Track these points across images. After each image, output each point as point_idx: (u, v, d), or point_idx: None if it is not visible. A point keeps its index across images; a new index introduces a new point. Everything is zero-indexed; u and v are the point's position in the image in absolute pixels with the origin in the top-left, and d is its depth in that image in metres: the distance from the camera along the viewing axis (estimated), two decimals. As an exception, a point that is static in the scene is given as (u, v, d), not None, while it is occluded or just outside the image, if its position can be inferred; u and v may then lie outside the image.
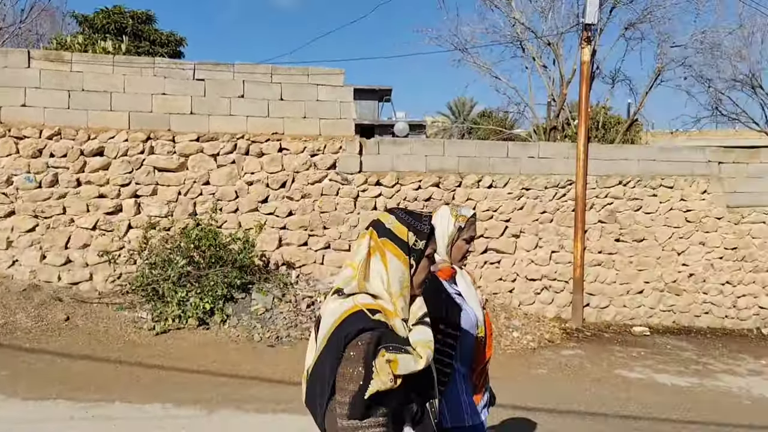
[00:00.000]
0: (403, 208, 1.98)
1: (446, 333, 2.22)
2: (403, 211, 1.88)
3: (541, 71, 11.58)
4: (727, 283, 9.23)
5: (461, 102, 30.07)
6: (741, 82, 12.34)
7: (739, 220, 9.22)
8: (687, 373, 7.22)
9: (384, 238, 1.79)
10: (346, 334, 1.66)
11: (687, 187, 9.20)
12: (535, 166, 9.05)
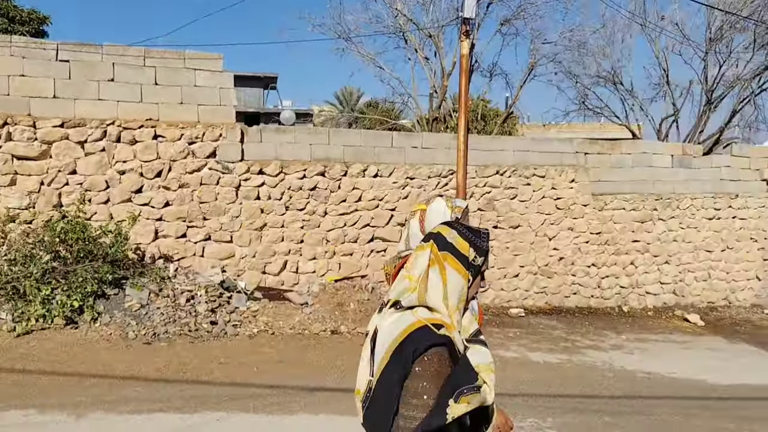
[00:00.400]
0: (462, 223, 1.95)
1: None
2: (464, 226, 1.85)
3: (423, 63, 11.86)
4: (593, 265, 9.94)
5: (348, 91, 30.12)
6: (604, 79, 13.32)
7: (602, 206, 9.94)
8: (557, 350, 7.70)
9: (445, 252, 1.78)
10: (414, 349, 1.63)
11: (557, 176, 9.78)
12: (419, 156, 9.24)
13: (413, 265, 1.81)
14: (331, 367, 6.54)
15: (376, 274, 8.95)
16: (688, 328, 9.35)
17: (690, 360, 7.64)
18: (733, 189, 10.62)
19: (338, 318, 7.95)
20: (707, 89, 12.31)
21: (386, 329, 1.74)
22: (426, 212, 2.57)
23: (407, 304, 1.76)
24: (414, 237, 2.55)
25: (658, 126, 13.15)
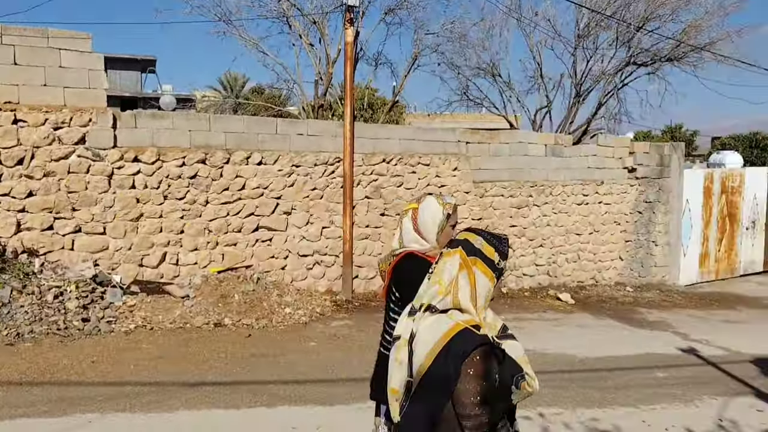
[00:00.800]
0: (483, 229, 2.09)
1: None
2: (487, 233, 1.99)
3: (308, 49, 11.72)
4: (475, 250, 10.35)
5: (233, 77, 29.24)
6: (484, 71, 13.87)
7: (483, 193, 10.36)
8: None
9: (474, 257, 1.90)
10: (462, 351, 1.75)
11: (441, 164, 10.06)
12: (305, 144, 9.14)
13: (441, 269, 1.92)
14: (214, 361, 6.36)
15: (261, 264, 8.79)
16: (560, 306, 9.98)
17: (561, 336, 8.16)
18: (599, 176, 11.44)
19: (222, 310, 7.73)
20: (576, 83, 13.19)
21: (425, 332, 1.86)
22: (418, 211, 2.61)
23: (442, 307, 1.88)
24: (408, 235, 2.61)
25: (533, 117, 13.93)
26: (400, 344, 1.91)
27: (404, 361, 1.88)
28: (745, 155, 19.33)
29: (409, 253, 2.58)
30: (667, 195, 12.07)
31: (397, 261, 2.59)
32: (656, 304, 10.56)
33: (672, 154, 12.15)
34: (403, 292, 2.51)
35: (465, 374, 1.75)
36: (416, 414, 1.82)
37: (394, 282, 2.58)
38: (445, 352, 1.78)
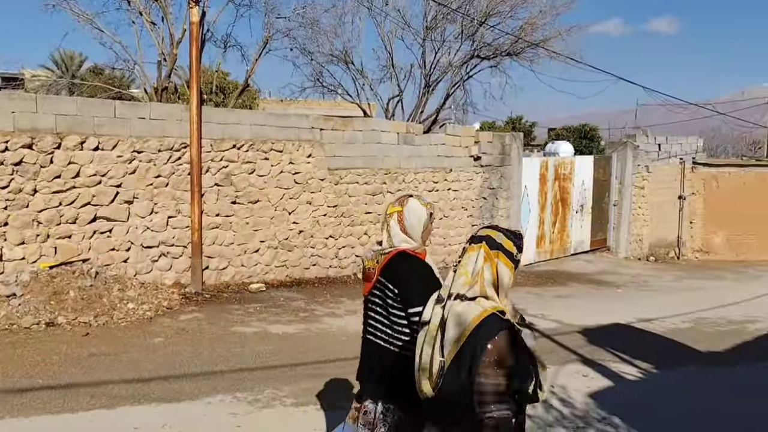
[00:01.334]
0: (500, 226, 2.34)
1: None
2: (505, 229, 2.28)
3: (150, 28, 10.99)
4: (331, 237, 10.38)
5: (68, 55, 26.77)
6: (337, 58, 13.92)
7: (338, 180, 10.40)
8: (296, 320, 7.89)
9: (497, 251, 2.16)
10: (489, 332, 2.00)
11: (295, 151, 9.94)
12: (148, 128, 8.59)
13: (467, 262, 2.18)
14: (46, 363, 5.81)
15: (100, 257, 8.16)
16: (412, 289, 10.32)
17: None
18: (447, 164, 11.94)
19: (55, 308, 7.08)
20: (426, 73, 13.67)
21: (457, 317, 2.08)
22: (403, 213, 2.77)
23: (471, 295, 2.12)
24: (396, 236, 2.77)
25: (386, 105, 14.22)
26: (431, 328, 2.14)
27: (435, 343, 2.11)
28: (575, 145, 21.18)
29: (401, 252, 2.75)
30: (508, 182, 12.90)
31: (390, 258, 2.75)
32: (500, 283, 11.27)
33: (512, 144, 12.99)
34: (399, 285, 2.69)
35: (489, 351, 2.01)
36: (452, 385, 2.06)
37: (388, 277, 2.73)
38: (476, 333, 2.03)
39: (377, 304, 2.81)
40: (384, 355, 2.77)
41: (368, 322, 2.88)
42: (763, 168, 18.95)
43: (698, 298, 11.32)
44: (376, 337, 2.82)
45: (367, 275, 2.85)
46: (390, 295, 2.73)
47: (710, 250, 17.49)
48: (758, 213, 18.24)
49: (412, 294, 2.64)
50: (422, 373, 2.14)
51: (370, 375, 2.86)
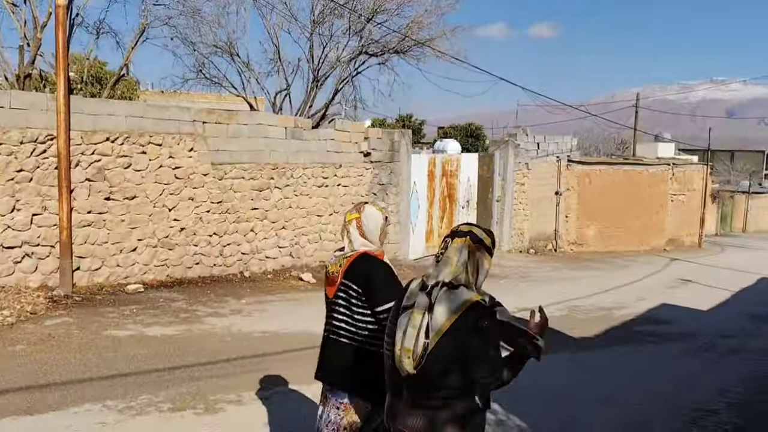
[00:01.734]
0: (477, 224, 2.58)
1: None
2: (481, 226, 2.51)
3: (10, 9, 10.04)
4: (215, 234, 10.01)
5: None
6: (221, 49, 13.42)
7: (222, 176, 10.04)
8: (177, 322, 7.53)
9: (478, 245, 2.39)
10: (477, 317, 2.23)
11: (175, 144, 9.48)
12: (7, 118, 7.85)
13: (452, 254, 2.37)
14: None
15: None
16: (302, 286, 10.19)
17: (303, 315, 8.31)
18: (337, 160, 11.89)
19: None
20: (314, 68, 13.51)
21: (443, 303, 2.27)
22: (361, 219, 3.00)
23: (456, 284, 2.32)
24: (356, 241, 2.98)
25: (273, 99, 13.91)
26: (416, 313, 2.28)
27: (421, 326, 2.26)
28: (462, 143, 21.87)
29: (363, 254, 2.96)
30: (397, 178, 13.06)
31: (352, 261, 2.94)
32: (389, 278, 11.39)
33: (401, 140, 13.17)
34: (362, 285, 2.89)
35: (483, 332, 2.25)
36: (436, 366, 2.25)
37: (351, 278, 2.91)
38: (464, 318, 2.24)
39: (341, 305, 2.98)
40: (349, 352, 2.94)
41: (332, 323, 3.04)
42: (630, 166, 20.53)
43: (573, 288, 12.04)
44: (341, 336, 2.99)
45: (330, 279, 3.04)
46: (354, 295, 2.92)
47: (584, 243, 18.71)
48: (625, 208, 19.73)
49: (376, 291, 2.86)
50: (404, 353, 2.27)
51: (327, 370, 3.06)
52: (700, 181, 23.20)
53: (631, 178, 19.99)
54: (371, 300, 2.87)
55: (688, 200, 22.52)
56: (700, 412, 5.62)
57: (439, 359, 2.25)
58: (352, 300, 2.93)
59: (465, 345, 2.25)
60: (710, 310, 10.60)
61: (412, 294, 2.38)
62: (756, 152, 70.49)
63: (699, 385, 6.47)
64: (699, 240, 23.08)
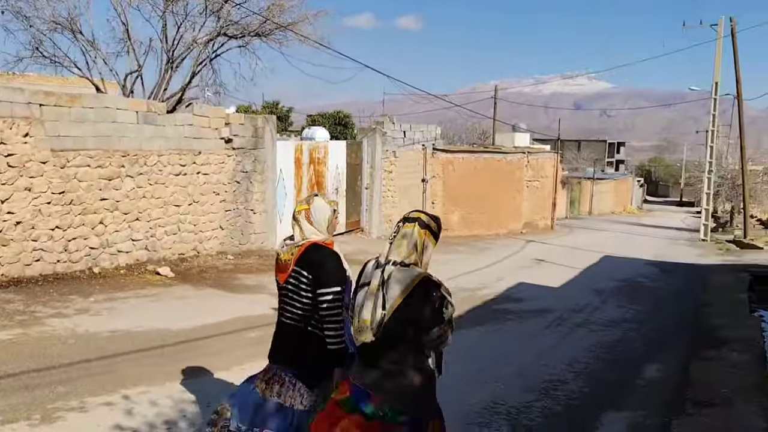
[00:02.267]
0: (425, 211, 3.02)
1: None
2: (427, 213, 2.88)
3: None
4: (57, 227, 9.09)
5: None
6: (62, 26, 12.16)
7: (64, 163, 9.13)
8: (12, 325, 6.74)
9: (425, 230, 2.79)
10: (427, 289, 2.64)
11: (7, 129, 8.46)
12: None
13: (404, 238, 2.73)
14: None
15: None
16: (159, 281, 9.56)
17: (158, 311, 7.81)
18: (196, 146, 11.28)
19: None
20: (168, 49, 12.66)
21: (396, 279, 2.63)
22: (310, 210, 3.19)
23: (408, 262, 2.67)
24: (306, 230, 3.18)
25: (123, 81, 12.88)
26: (372, 288, 2.64)
27: (377, 300, 2.61)
28: (331, 131, 21.73)
29: (313, 243, 3.16)
30: (262, 165, 12.67)
31: (304, 249, 3.13)
32: (255, 269, 11.03)
33: (266, 126, 12.78)
34: (313, 271, 3.09)
35: (432, 301, 2.63)
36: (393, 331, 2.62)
37: (303, 265, 3.11)
38: (418, 290, 2.62)
39: (291, 290, 3.18)
40: (297, 333, 3.19)
41: (284, 306, 3.26)
42: (489, 154, 21.54)
43: (440, 270, 12.30)
44: (290, 319, 3.21)
45: (282, 266, 3.20)
46: (303, 281, 3.13)
47: (449, 227, 19.36)
48: (486, 194, 20.69)
49: (324, 277, 3.08)
50: (362, 323, 2.65)
51: (277, 352, 3.29)
52: (551, 168, 24.87)
53: (491, 166, 20.99)
54: (318, 285, 3.08)
55: (541, 186, 24.09)
56: (552, 383, 5.94)
57: (393, 327, 2.63)
58: (301, 286, 3.14)
59: (418, 313, 2.63)
60: (561, 287, 11.37)
61: (367, 273, 2.78)
62: (599, 142, 77.40)
63: (552, 358, 6.85)
64: (551, 223, 24.79)
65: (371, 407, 2.62)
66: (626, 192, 52.40)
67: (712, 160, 25.37)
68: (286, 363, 3.19)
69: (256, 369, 5.56)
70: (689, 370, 6.51)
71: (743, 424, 4.97)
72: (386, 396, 2.63)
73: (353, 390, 2.70)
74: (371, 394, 2.64)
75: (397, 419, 2.60)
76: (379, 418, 2.60)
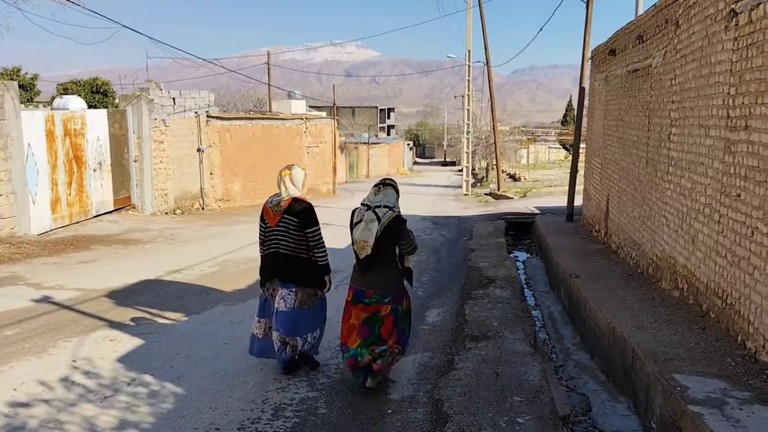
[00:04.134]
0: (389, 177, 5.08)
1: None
2: (389, 178, 4.85)
3: None
4: None
5: None
6: None
7: None
8: None
9: (392, 188, 4.63)
10: (402, 222, 4.50)
11: None
12: None
13: (385, 193, 4.57)
14: None
15: None
16: None
17: None
18: None
19: None
20: None
21: (386, 214, 4.45)
22: (292, 175, 4.77)
23: (388, 206, 4.50)
24: (290, 189, 4.76)
25: None
26: (370, 219, 4.42)
27: (371, 228, 4.38)
28: (89, 100, 19.57)
29: (296, 198, 4.75)
30: (4, 139, 10.94)
31: (290, 202, 4.72)
32: (6, 258, 9.58)
33: (5, 95, 11.03)
34: (299, 216, 4.70)
35: (404, 230, 4.53)
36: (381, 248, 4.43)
37: (289, 213, 4.70)
38: (395, 223, 4.46)
39: (282, 232, 4.72)
40: (291, 260, 4.73)
41: (276, 243, 4.76)
42: (267, 121, 21.19)
43: (223, 243, 11.94)
44: (282, 250, 4.74)
45: (272, 215, 4.74)
46: (292, 225, 4.70)
47: (231, 198, 18.79)
48: (267, 161, 20.43)
49: (308, 220, 4.70)
50: (364, 243, 4.38)
51: (280, 272, 4.78)
52: (330, 134, 25.36)
53: (269, 133, 20.70)
54: (305, 226, 4.70)
55: (321, 152, 24.47)
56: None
57: (382, 244, 4.42)
58: (290, 228, 4.71)
59: (396, 234, 4.50)
60: (342, 249, 11.65)
61: (360, 214, 4.52)
62: (371, 108, 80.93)
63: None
64: (333, 187, 25.41)
65: (368, 298, 4.54)
66: (399, 155, 55.81)
67: (469, 122, 28.03)
68: (288, 279, 4.77)
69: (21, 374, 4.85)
70: (464, 309, 7.14)
71: (513, 350, 5.59)
72: (376, 289, 4.53)
73: (355, 291, 4.60)
74: (365, 290, 4.53)
75: (383, 301, 4.54)
76: (374, 303, 4.53)
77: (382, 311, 4.51)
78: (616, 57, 10.40)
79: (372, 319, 4.51)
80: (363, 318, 4.52)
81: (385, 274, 4.50)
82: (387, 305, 4.51)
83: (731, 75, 5.25)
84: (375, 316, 4.51)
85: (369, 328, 4.50)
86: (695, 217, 6.11)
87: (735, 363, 4.54)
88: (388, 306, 4.51)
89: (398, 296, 4.58)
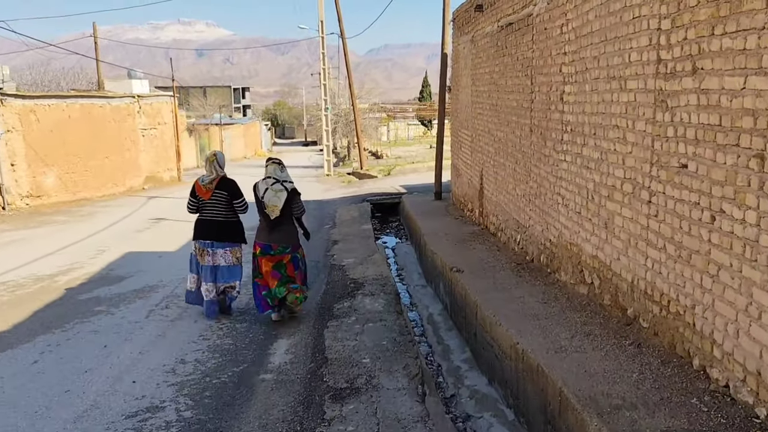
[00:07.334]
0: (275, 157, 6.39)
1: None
2: (275, 157, 6.25)
3: None
4: None
5: None
6: None
7: None
8: None
9: (281, 165, 5.89)
10: (297, 193, 5.84)
11: None
12: None
13: (278, 170, 5.81)
14: None
15: None
16: None
17: None
18: None
19: None
20: None
21: (286, 188, 5.70)
22: (216, 156, 5.93)
23: (289, 180, 5.84)
24: (216, 169, 5.91)
25: None
26: (279, 189, 5.66)
27: (279, 195, 5.63)
28: None
29: (223, 176, 5.94)
30: None
31: (219, 180, 5.87)
32: None
33: None
34: (227, 190, 5.88)
35: (298, 199, 5.87)
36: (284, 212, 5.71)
37: (220, 188, 5.87)
38: (293, 195, 5.75)
39: (214, 202, 5.89)
40: (221, 223, 5.92)
41: (210, 211, 5.93)
42: (87, 99, 17.94)
43: (15, 254, 9.25)
44: (217, 216, 5.91)
45: (204, 190, 5.88)
46: (223, 197, 5.89)
47: (43, 194, 15.52)
48: (91, 147, 17.29)
49: (236, 193, 5.93)
50: (275, 207, 5.62)
51: (212, 233, 5.90)
52: (170, 114, 22.38)
53: (92, 114, 17.53)
54: (234, 197, 5.91)
55: (160, 134, 21.49)
56: (145, 414, 4.09)
57: (285, 208, 5.67)
58: (221, 200, 5.89)
59: (292, 200, 5.76)
60: (180, 249, 9.45)
61: (263, 187, 5.70)
62: (224, 87, 76.28)
63: (149, 361, 4.99)
64: (179, 174, 22.55)
65: (273, 250, 5.75)
66: (255, 136, 52.69)
67: (327, 98, 26.19)
68: (224, 239, 5.94)
69: None
70: (324, 338, 5.40)
71: (395, 414, 3.87)
72: (280, 243, 5.75)
73: (262, 246, 5.77)
74: (271, 244, 5.74)
75: (285, 251, 5.78)
76: (278, 253, 5.76)
77: (284, 259, 5.81)
78: (483, 13, 9.04)
79: (278, 266, 5.78)
80: (272, 266, 5.77)
81: (286, 231, 5.80)
82: (288, 254, 5.81)
83: (663, 4, 3.87)
84: (280, 263, 5.79)
85: (278, 272, 5.77)
86: (608, 195, 4.79)
87: (706, 407, 3.18)
88: (289, 255, 5.81)
89: (295, 246, 5.88)
